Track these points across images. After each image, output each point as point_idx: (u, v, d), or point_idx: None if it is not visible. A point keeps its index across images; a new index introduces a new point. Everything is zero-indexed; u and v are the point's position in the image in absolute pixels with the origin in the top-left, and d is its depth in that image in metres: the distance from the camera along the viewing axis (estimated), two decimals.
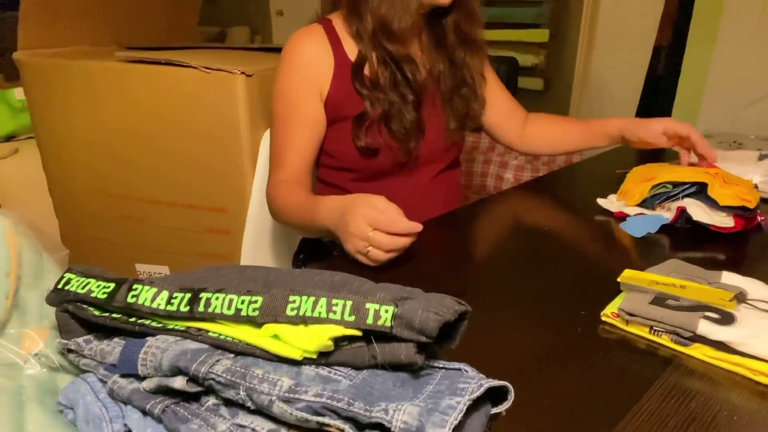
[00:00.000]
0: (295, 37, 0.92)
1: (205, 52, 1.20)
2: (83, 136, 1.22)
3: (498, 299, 0.63)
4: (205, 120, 1.08)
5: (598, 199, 0.89)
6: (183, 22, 1.74)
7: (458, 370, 0.36)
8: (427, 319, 0.34)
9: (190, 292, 0.38)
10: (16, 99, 1.79)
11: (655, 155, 1.13)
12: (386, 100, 0.88)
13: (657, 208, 0.83)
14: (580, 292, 0.64)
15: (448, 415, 0.31)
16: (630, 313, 0.54)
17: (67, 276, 0.40)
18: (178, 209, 1.17)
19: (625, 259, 0.70)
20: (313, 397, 0.32)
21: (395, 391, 0.34)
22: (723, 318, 0.51)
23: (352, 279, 0.40)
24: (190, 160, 1.12)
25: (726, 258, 0.72)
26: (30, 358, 0.41)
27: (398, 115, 0.89)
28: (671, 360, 0.51)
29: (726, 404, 0.45)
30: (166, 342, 0.37)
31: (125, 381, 0.37)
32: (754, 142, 1.03)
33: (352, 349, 0.35)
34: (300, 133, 0.91)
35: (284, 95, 0.91)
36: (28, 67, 1.23)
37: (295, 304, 0.36)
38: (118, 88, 1.14)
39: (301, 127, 0.91)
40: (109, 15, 1.45)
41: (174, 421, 0.34)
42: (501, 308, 0.61)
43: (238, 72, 1.01)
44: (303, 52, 0.90)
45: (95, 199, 1.26)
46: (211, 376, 0.34)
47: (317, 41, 0.91)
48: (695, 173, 0.80)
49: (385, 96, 0.88)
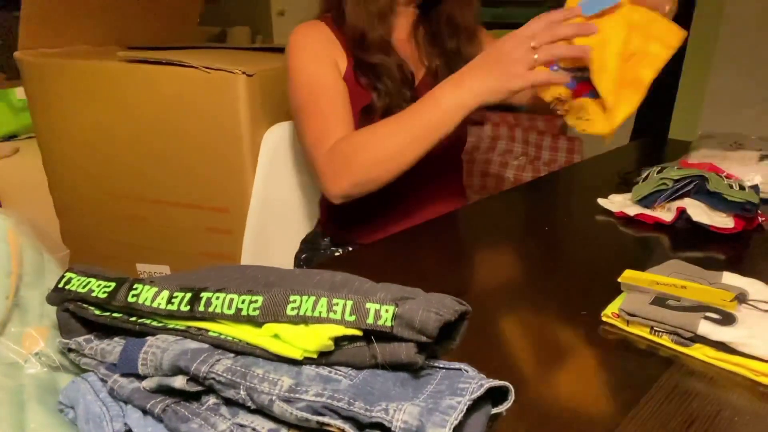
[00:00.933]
0: (299, 28, 0.90)
1: (206, 52, 1.21)
2: (84, 136, 1.22)
3: (498, 299, 0.63)
4: (206, 120, 1.08)
5: (598, 199, 0.89)
6: (184, 22, 1.75)
7: (459, 370, 0.36)
8: (428, 319, 0.34)
9: (190, 292, 0.38)
10: (17, 98, 1.79)
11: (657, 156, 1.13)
12: (386, 94, 0.87)
13: (657, 207, 0.83)
14: (580, 292, 0.63)
15: (449, 415, 0.31)
16: (630, 313, 0.54)
17: (68, 275, 0.40)
18: (179, 209, 1.18)
19: (625, 260, 0.70)
20: (314, 396, 0.32)
21: (395, 390, 0.34)
22: (724, 318, 0.51)
23: (353, 279, 0.40)
24: (191, 160, 1.12)
25: (727, 258, 0.72)
26: (30, 357, 0.41)
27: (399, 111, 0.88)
28: (672, 360, 0.51)
29: (727, 405, 0.45)
30: (167, 341, 0.37)
31: (126, 380, 0.37)
32: (755, 143, 1.03)
33: (352, 348, 0.35)
34: (334, 104, 0.83)
35: (305, 82, 0.86)
36: (29, 67, 1.23)
37: (295, 303, 0.36)
38: (119, 88, 1.14)
39: (333, 100, 0.84)
40: (110, 15, 1.46)
41: (174, 420, 0.34)
42: (501, 308, 0.61)
43: (239, 72, 1.01)
44: (312, 36, 0.88)
45: (96, 199, 1.26)
46: (212, 376, 0.34)
47: (322, 29, 0.89)
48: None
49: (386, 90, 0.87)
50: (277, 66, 1.10)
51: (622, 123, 0.72)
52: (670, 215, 0.80)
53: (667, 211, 0.82)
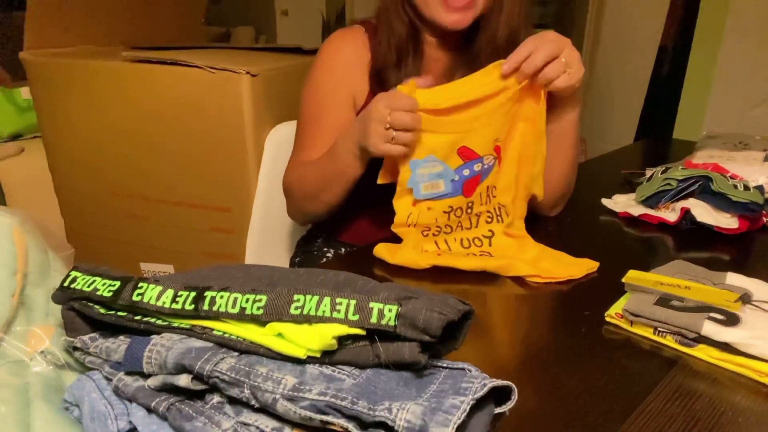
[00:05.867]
0: (332, 39, 0.86)
1: (210, 52, 1.21)
2: (88, 136, 1.22)
3: (501, 299, 0.63)
4: (210, 119, 1.08)
5: (602, 200, 0.89)
6: (188, 22, 1.75)
7: (462, 370, 0.36)
8: (431, 318, 0.34)
9: (194, 291, 0.38)
10: (23, 98, 1.80)
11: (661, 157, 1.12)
12: None
13: (661, 207, 0.83)
14: (584, 292, 0.63)
15: (452, 414, 0.31)
16: (634, 313, 0.54)
17: (73, 274, 0.41)
18: (183, 208, 1.18)
19: (629, 260, 0.70)
20: (317, 395, 0.32)
21: (399, 390, 0.34)
22: (728, 319, 0.51)
23: (356, 278, 0.40)
24: (195, 160, 1.13)
25: (731, 259, 0.72)
26: (36, 355, 0.41)
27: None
28: (675, 361, 0.51)
29: (730, 405, 0.45)
30: (171, 340, 0.37)
31: (130, 378, 0.37)
32: (760, 143, 1.03)
33: (355, 348, 0.36)
34: (328, 131, 0.83)
35: (316, 99, 0.85)
36: (35, 67, 1.23)
37: (299, 303, 0.36)
38: (124, 88, 1.14)
39: (330, 129, 0.83)
40: (114, 15, 1.46)
41: (179, 418, 0.34)
42: (504, 308, 0.61)
43: (243, 72, 1.02)
44: (338, 57, 0.84)
45: (100, 198, 1.27)
46: (216, 374, 0.34)
47: (358, 40, 0.84)
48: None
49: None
50: (281, 66, 1.10)
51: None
52: (675, 215, 0.80)
53: (672, 212, 0.82)
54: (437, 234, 0.73)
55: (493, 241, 0.73)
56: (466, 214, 0.73)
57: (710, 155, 0.99)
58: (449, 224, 0.73)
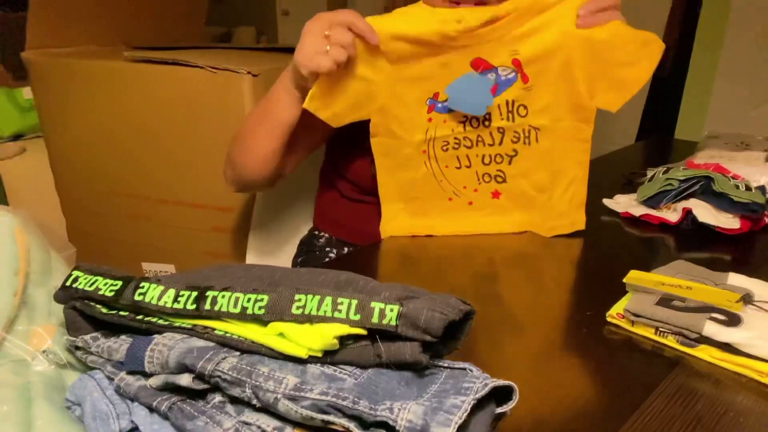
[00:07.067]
0: None
1: (211, 52, 1.21)
2: (90, 136, 1.22)
3: (503, 299, 0.63)
4: (211, 119, 1.08)
5: (604, 200, 0.89)
6: (189, 22, 1.75)
7: (463, 370, 0.36)
8: (432, 318, 0.34)
9: (196, 291, 0.38)
10: (24, 98, 1.80)
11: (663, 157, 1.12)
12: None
13: (663, 208, 0.83)
14: (585, 292, 0.63)
15: (453, 414, 0.31)
16: (635, 313, 0.54)
17: (75, 273, 0.41)
18: (184, 208, 1.18)
19: (630, 260, 0.70)
20: (319, 395, 0.32)
21: (400, 389, 0.34)
22: (729, 319, 0.51)
23: (358, 278, 0.40)
24: (197, 160, 1.13)
25: (732, 259, 0.72)
26: (38, 354, 0.41)
27: None
28: (677, 361, 0.51)
29: (732, 406, 0.45)
30: (173, 339, 0.37)
31: (132, 378, 0.37)
32: (762, 143, 1.03)
33: (357, 347, 0.36)
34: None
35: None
36: (36, 67, 1.23)
37: (300, 302, 0.36)
38: (125, 88, 1.14)
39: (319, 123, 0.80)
40: (116, 15, 1.46)
41: (180, 417, 0.34)
42: (506, 308, 0.61)
43: (244, 72, 1.02)
44: None
45: (102, 198, 1.27)
46: (217, 374, 0.34)
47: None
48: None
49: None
50: (283, 66, 1.09)
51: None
52: (676, 216, 0.80)
53: (673, 212, 0.82)
54: (457, 147, 0.73)
55: (513, 162, 0.75)
56: (483, 126, 0.72)
57: (712, 155, 0.99)
58: (467, 136, 0.72)
